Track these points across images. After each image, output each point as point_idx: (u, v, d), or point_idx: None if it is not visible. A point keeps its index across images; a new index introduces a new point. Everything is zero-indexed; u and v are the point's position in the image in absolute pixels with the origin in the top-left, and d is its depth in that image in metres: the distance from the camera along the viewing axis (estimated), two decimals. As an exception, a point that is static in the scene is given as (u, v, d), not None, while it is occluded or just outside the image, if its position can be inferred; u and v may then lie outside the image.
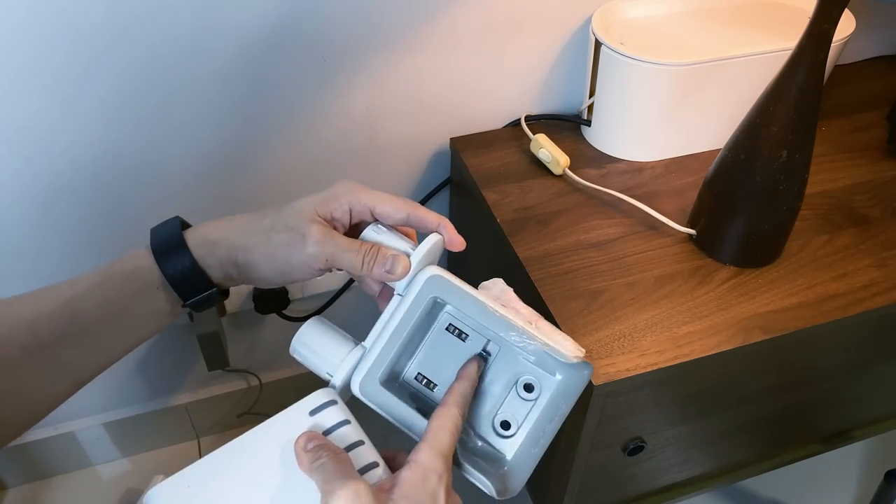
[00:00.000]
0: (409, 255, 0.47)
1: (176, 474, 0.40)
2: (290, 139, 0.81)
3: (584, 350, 0.45)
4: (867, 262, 0.70)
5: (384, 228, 0.48)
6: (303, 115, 0.80)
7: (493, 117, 0.87)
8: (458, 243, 0.49)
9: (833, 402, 0.86)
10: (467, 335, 0.47)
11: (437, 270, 0.46)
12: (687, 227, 0.72)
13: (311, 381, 0.45)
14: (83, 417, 1.06)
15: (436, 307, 0.47)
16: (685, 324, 0.64)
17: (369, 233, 0.48)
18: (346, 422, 0.42)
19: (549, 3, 0.79)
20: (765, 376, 0.73)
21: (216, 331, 0.90)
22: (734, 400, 0.75)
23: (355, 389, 0.45)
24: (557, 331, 0.46)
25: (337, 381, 0.45)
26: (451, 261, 1.02)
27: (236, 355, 1.04)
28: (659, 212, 0.73)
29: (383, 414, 0.45)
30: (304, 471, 0.39)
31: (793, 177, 0.64)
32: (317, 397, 0.43)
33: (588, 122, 0.84)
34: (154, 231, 0.47)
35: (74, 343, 0.44)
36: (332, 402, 0.42)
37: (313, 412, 0.42)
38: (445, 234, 0.48)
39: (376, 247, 0.46)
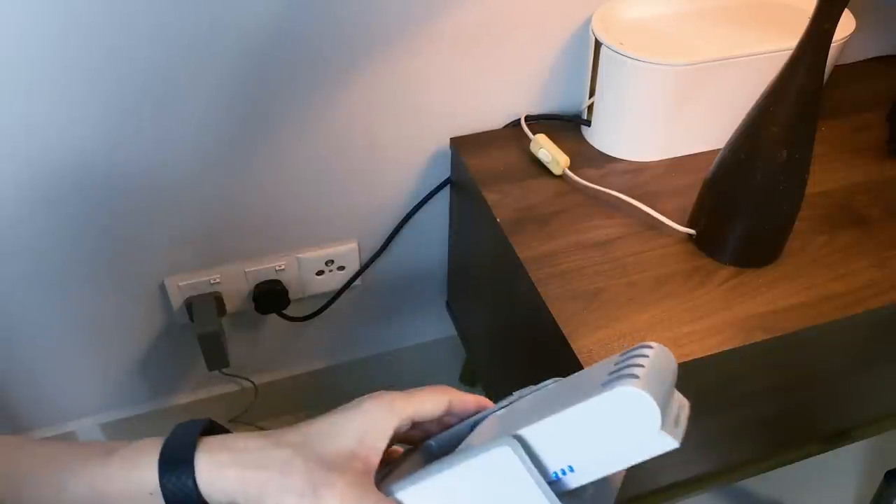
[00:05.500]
0: None
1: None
2: (291, 139, 0.81)
3: None
4: (867, 262, 0.70)
5: None
6: (303, 114, 0.80)
7: (493, 117, 0.87)
8: None
9: (833, 402, 0.86)
10: None
11: None
12: (687, 227, 0.72)
13: (310, 382, 0.44)
14: (83, 417, 1.06)
15: None
16: (685, 324, 0.64)
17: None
18: None
19: (548, 3, 0.79)
20: (765, 376, 0.73)
21: (216, 331, 0.90)
22: (734, 400, 0.75)
23: None
24: None
25: None
26: (452, 261, 1.02)
27: (236, 355, 1.04)
28: (659, 212, 0.73)
29: None
30: None
31: (793, 177, 0.64)
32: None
33: (588, 122, 0.84)
34: (173, 432, 0.41)
35: None
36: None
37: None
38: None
39: None
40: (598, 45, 0.77)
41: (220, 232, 0.88)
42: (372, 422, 0.39)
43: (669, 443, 0.34)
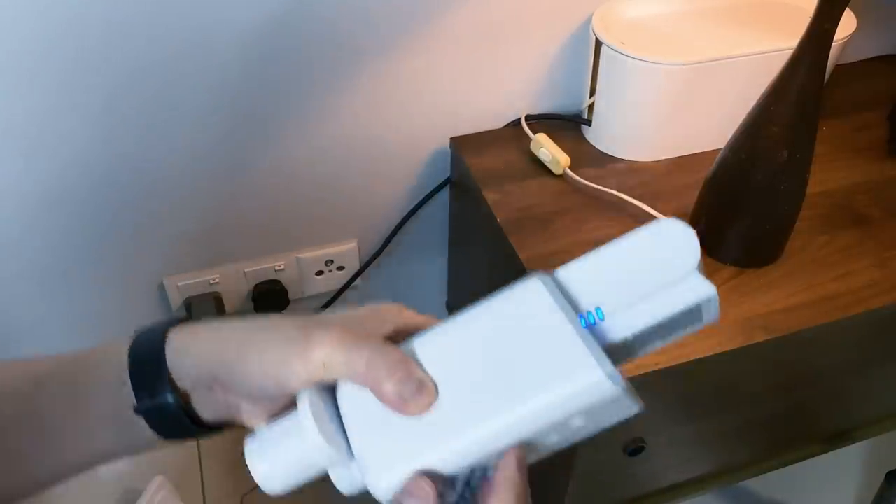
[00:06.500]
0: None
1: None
2: (291, 139, 0.81)
3: None
4: (868, 261, 0.70)
5: None
6: (303, 114, 0.80)
7: (493, 117, 0.87)
8: None
9: (834, 403, 0.86)
10: None
11: None
12: (687, 226, 0.72)
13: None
14: (82, 418, 1.06)
15: None
16: (686, 324, 0.64)
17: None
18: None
19: (549, 2, 0.79)
20: (765, 376, 0.73)
21: (216, 331, 0.89)
22: (735, 400, 0.75)
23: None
24: None
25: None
26: (452, 261, 1.02)
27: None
28: (659, 212, 0.73)
29: None
30: None
31: (794, 177, 0.64)
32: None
33: (588, 122, 0.84)
34: (139, 332, 0.37)
35: (32, 433, 0.36)
36: None
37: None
38: None
39: (399, 354, 0.32)
40: (598, 44, 0.77)
41: (219, 232, 0.88)
42: (374, 310, 0.36)
43: (706, 288, 0.31)
